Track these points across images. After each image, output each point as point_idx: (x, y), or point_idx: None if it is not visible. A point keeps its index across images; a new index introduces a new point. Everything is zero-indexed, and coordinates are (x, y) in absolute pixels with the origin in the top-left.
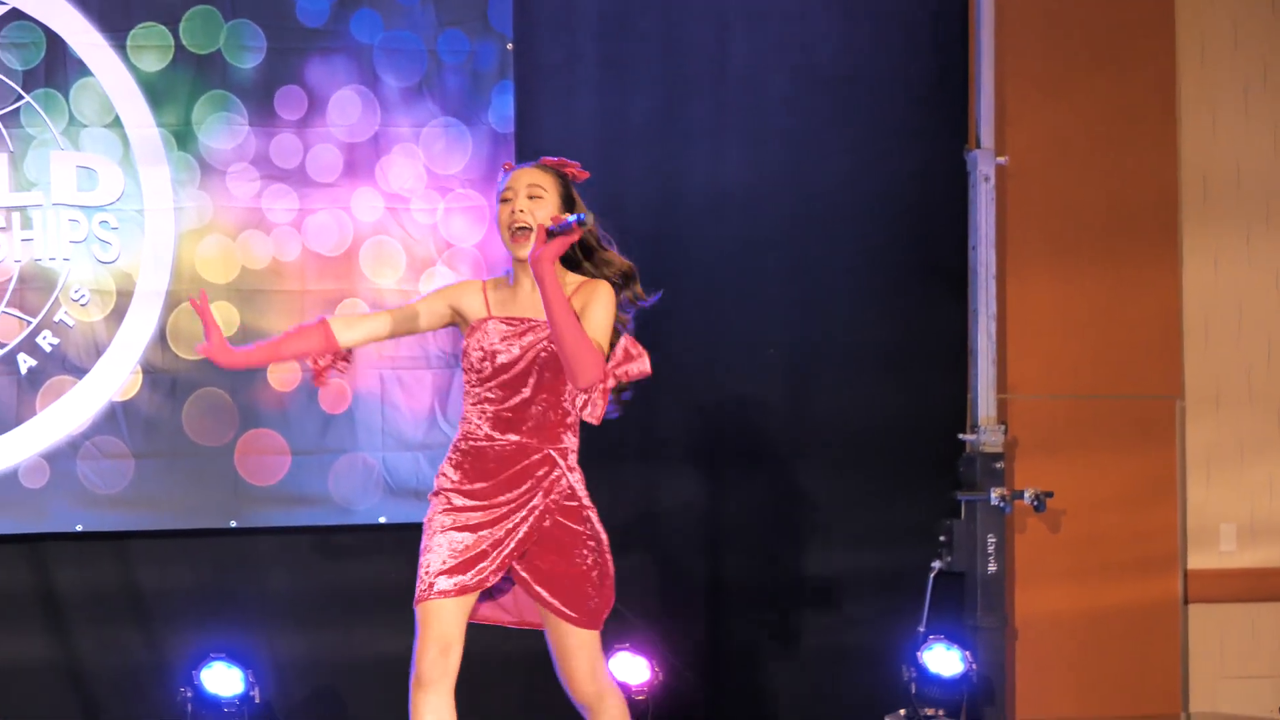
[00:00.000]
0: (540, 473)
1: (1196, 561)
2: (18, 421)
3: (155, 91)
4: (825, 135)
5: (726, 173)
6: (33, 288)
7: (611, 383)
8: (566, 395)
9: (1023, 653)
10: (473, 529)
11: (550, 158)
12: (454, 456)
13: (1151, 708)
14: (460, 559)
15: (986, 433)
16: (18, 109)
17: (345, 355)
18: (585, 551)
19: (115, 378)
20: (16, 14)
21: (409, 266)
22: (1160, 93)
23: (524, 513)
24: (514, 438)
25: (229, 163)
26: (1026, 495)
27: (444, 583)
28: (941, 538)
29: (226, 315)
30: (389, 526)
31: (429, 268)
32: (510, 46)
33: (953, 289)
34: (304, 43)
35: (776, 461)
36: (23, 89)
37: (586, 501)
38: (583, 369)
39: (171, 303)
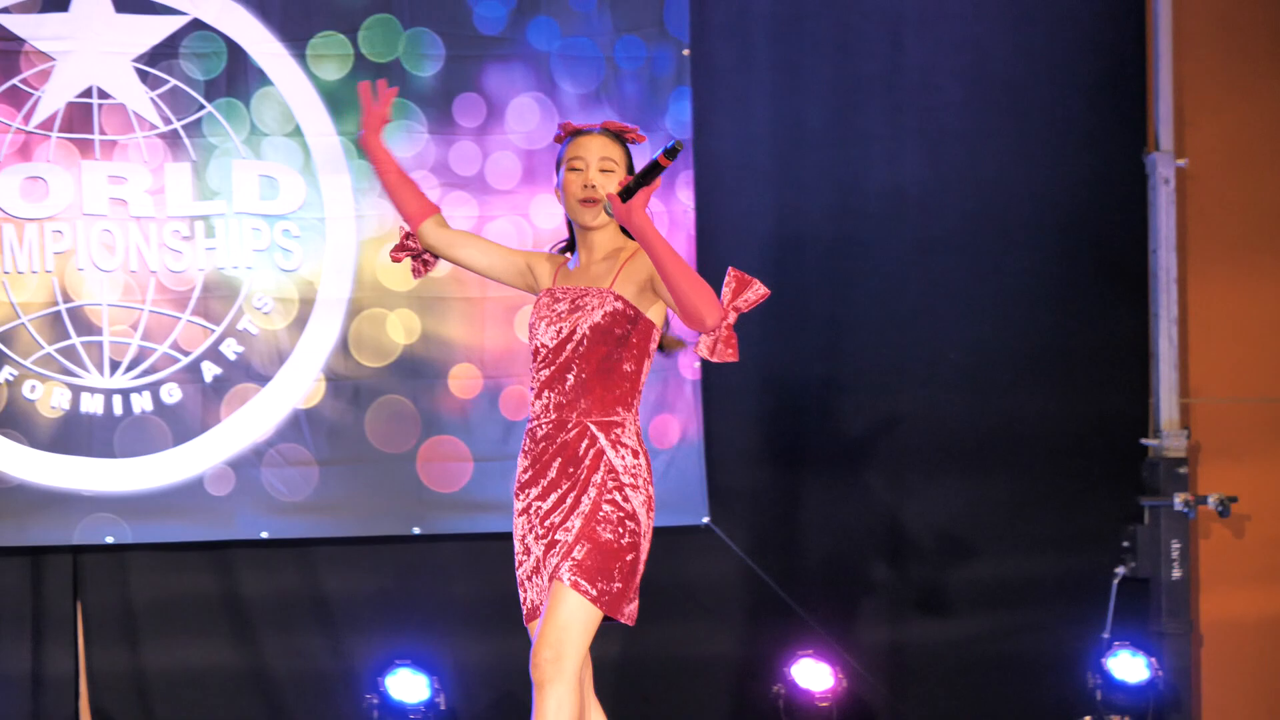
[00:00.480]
0: (582, 448)
1: None
2: (203, 429)
3: (335, 100)
4: (1000, 138)
5: (903, 176)
6: (216, 296)
7: (733, 317)
8: (618, 370)
9: (1208, 660)
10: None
11: (614, 122)
12: (524, 443)
13: None
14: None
15: (1169, 437)
16: (200, 118)
17: (426, 257)
18: (622, 530)
19: (298, 385)
20: (198, 24)
21: None
22: None
23: (565, 488)
24: (558, 415)
25: (409, 170)
26: (1210, 500)
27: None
28: (1124, 543)
29: (408, 323)
30: None
31: None
32: (687, 52)
33: (1132, 292)
34: (482, 50)
35: (957, 467)
36: (205, 98)
37: (634, 481)
38: (707, 307)
39: (353, 310)
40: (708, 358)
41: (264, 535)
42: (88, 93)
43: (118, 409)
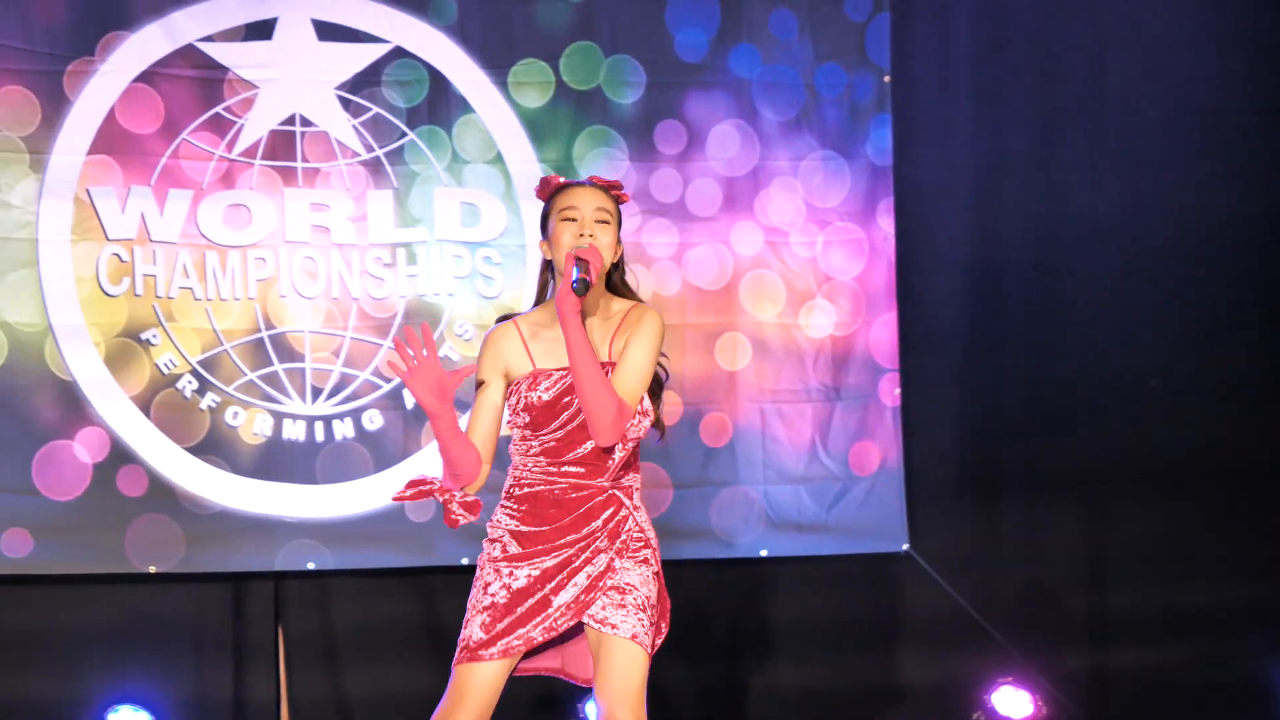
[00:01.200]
0: (607, 514)
1: None
2: (404, 455)
3: (536, 127)
4: (1200, 164)
5: (1103, 203)
6: (417, 323)
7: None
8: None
9: None
10: (531, 578)
11: (600, 177)
12: (508, 504)
13: None
14: (507, 619)
15: None
16: (401, 146)
17: (472, 506)
18: (650, 578)
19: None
20: (400, 52)
21: (788, 300)
22: None
23: (588, 554)
24: (574, 479)
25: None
26: None
27: (485, 650)
28: None
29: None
30: (769, 560)
31: (808, 300)
32: (888, 79)
33: None
34: (683, 77)
35: (1156, 493)
36: (407, 126)
37: (652, 540)
38: (600, 426)
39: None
40: (632, 448)
41: (464, 561)
42: (290, 120)
43: (319, 435)
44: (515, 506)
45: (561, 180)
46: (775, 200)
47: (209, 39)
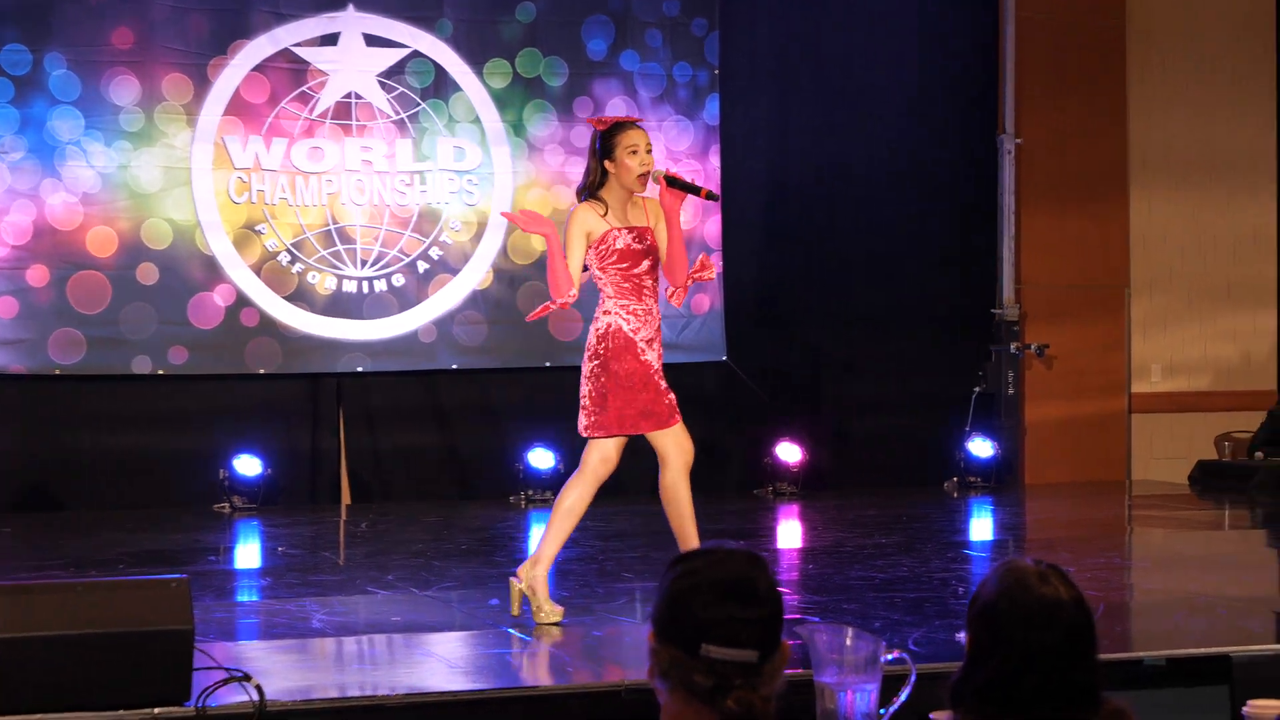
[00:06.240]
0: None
1: (1137, 387)
2: (418, 302)
3: (500, 100)
4: (909, 125)
5: (847, 144)
6: (426, 220)
7: (690, 283)
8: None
9: (1029, 443)
10: None
11: (635, 116)
12: (639, 315)
13: (1108, 476)
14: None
15: (1007, 309)
16: (417, 111)
17: (564, 307)
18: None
19: (476, 275)
20: (417, 54)
21: None
22: (1118, 96)
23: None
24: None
25: (545, 143)
26: (1032, 346)
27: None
28: (980, 373)
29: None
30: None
31: None
32: (717, 72)
33: (988, 222)
34: (592, 70)
35: (882, 330)
36: (420, 99)
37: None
38: (684, 272)
39: (510, 229)
40: (677, 295)
41: (454, 366)
42: (349, 95)
43: (365, 289)
44: (642, 317)
45: (611, 119)
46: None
47: (299, 44)
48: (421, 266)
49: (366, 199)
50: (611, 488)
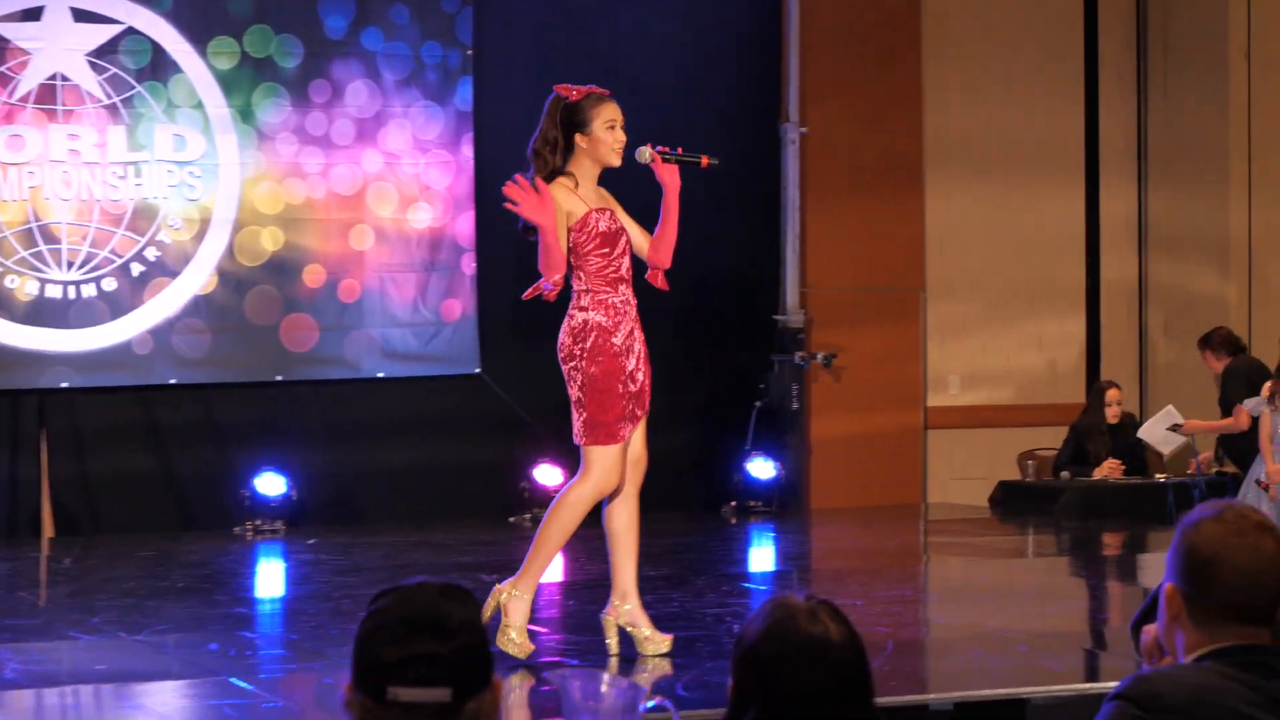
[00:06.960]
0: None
1: (934, 401)
2: (132, 308)
3: (227, 83)
4: (687, 117)
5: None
6: (142, 217)
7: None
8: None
9: (815, 463)
10: None
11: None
12: (618, 310)
13: (902, 499)
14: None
15: (791, 314)
16: (132, 95)
17: (558, 285)
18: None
19: (198, 278)
20: (131, 30)
21: (399, 203)
22: (912, 82)
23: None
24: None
25: (277, 131)
26: (819, 356)
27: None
28: (761, 385)
29: (275, 236)
30: (385, 379)
31: (413, 203)
32: (470, 53)
33: (770, 219)
34: (330, 50)
35: (663, 333)
36: (136, 81)
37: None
38: (671, 251)
39: (236, 227)
40: (659, 276)
41: (172, 381)
42: (54, 77)
43: (71, 294)
44: (621, 311)
45: (584, 90)
46: (392, 134)
47: None
48: (136, 269)
49: (74, 193)
50: (344, 519)
